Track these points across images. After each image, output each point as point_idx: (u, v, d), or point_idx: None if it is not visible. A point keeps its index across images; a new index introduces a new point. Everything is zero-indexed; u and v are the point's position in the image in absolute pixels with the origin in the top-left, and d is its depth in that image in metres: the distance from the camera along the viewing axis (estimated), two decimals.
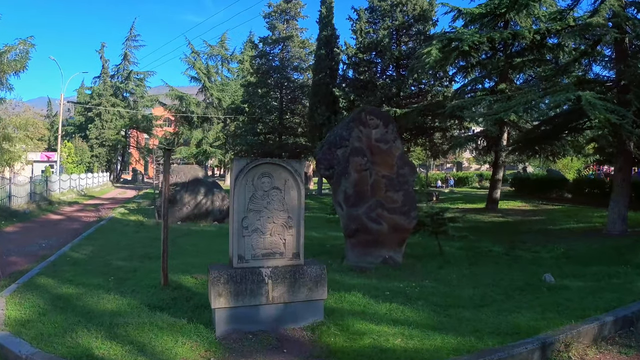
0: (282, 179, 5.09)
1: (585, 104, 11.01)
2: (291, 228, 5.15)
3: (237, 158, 4.92)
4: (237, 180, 4.87)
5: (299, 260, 5.18)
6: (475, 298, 6.85)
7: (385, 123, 9.47)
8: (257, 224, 5.00)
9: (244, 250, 4.97)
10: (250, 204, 4.95)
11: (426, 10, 28.46)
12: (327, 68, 33.63)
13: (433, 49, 14.21)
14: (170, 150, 8.01)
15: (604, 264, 9.49)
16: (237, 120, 40.45)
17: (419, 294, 6.92)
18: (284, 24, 39.35)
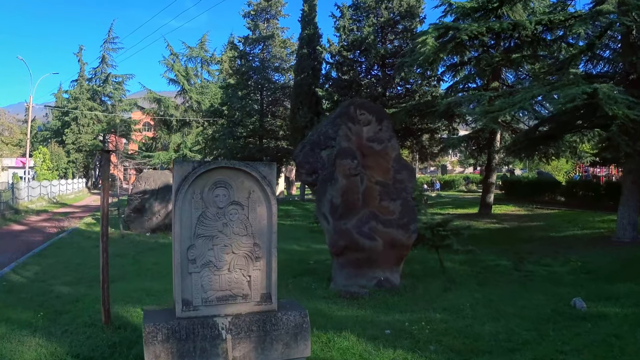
0: (244, 189, 3.60)
1: (604, 98, 9.74)
2: (259, 260, 3.64)
3: (178, 161, 3.41)
4: (179, 194, 3.36)
5: (271, 304, 3.68)
6: (500, 337, 5.39)
7: (379, 119, 8.02)
8: (209, 255, 3.49)
9: (190, 292, 3.45)
10: (198, 226, 3.44)
11: (413, 6, 27.21)
12: (309, 68, 32.16)
13: (429, 38, 12.88)
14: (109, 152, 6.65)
15: (631, 280, 8.26)
16: (215, 124, 38.74)
17: (428, 333, 5.41)
18: (265, 23, 37.82)
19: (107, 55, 51.57)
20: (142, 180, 15.83)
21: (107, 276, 5.65)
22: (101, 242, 5.66)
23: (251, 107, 36.79)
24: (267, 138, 37.53)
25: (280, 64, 38.85)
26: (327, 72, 31.92)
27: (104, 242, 5.65)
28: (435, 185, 44.54)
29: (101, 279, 5.59)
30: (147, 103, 42.87)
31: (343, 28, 28.42)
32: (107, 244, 5.67)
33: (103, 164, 5.65)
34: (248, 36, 36.72)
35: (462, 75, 23.81)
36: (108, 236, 5.72)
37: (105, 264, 5.61)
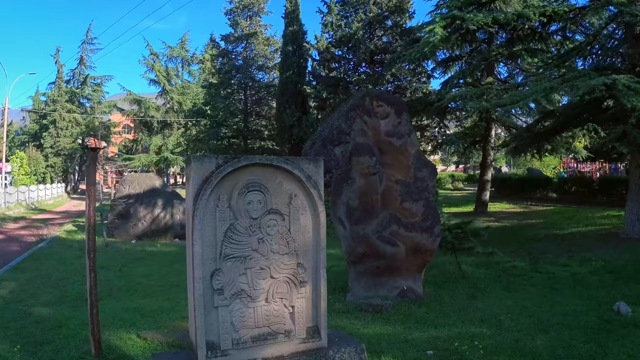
0: (283, 194, 2.76)
1: (623, 89, 9.14)
2: (304, 285, 2.81)
3: (197, 157, 2.54)
4: (200, 200, 2.49)
5: (319, 341, 2.84)
6: (558, 352, 4.71)
7: (398, 111, 7.21)
8: (240, 282, 2.64)
9: (217, 332, 2.59)
10: (226, 244, 2.59)
11: (402, 1, 26.51)
12: (294, 65, 31.28)
13: (437, 27, 12.15)
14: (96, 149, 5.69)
15: None
16: (198, 125, 37.54)
17: (481, 352, 4.65)
18: (247, 20, 36.80)
19: (85, 56, 49.70)
20: (126, 184, 14.76)
21: (97, 300, 4.72)
22: (87, 259, 4.71)
23: (235, 107, 35.76)
24: (252, 138, 36.53)
25: (263, 62, 37.95)
26: (314, 69, 31.06)
27: (91, 259, 4.70)
28: None
29: (89, 303, 4.65)
30: (127, 105, 41.35)
31: (331, 24, 27.61)
32: (95, 261, 4.74)
33: (89, 164, 4.70)
34: (230, 34, 35.70)
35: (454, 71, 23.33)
36: (95, 251, 4.78)
37: (93, 286, 4.67)
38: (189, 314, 2.72)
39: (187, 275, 2.66)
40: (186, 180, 2.62)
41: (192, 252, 2.52)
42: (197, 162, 2.50)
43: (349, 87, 29.13)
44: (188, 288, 2.68)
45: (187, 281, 2.73)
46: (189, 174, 2.57)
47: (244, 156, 2.57)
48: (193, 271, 2.50)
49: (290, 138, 31.22)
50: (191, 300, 2.60)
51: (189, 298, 2.67)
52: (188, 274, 2.66)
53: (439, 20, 12.58)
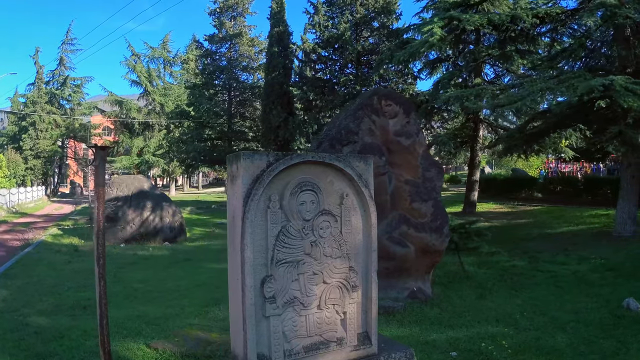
0: (334, 193, 2.58)
1: (620, 90, 9.21)
2: (355, 289, 2.65)
3: (247, 154, 2.34)
4: (251, 201, 2.30)
5: (370, 347, 2.69)
6: (581, 349, 4.83)
7: (406, 111, 7.10)
8: (293, 288, 2.45)
9: (268, 344, 2.40)
10: (278, 248, 2.40)
11: (389, 2, 26.56)
12: (280, 66, 31.13)
13: (435, 27, 12.10)
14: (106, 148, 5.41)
15: None
16: (181, 126, 36.99)
17: (509, 351, 4.59)
18: (231, 21, 36.47)
19: (65, 57, 48.52)
20: (113, 186, 14.35)
21: (107, 310, 4.44)
22: (97, 266, 4.42)
23: (219, 108, 35.37)
24: (236, 140, 36.17)
25: (248, 63, 37.63)
26: (300, 70, 30.90)
27: (100, 265, 4.41)
28: None
29: (99, 314, 4.36)
30: (109, 106, 40.44)
31: (318, 25, 27.48)
32: (105, 268, 4.47)
33: (98, 164, 4.43)
34: (214, 34, 35.31)
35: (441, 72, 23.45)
36: (105, 258, 4.51)
37: (103, 294, 4.40)
38: (232, 325, 2.51)
39: (231, 284, 2.46)
40: (231, 179, 2.42)
41: (241, 258, 2.32)
42: (247, 159, 2.30)
43: (335, 88, 29.10)
44: (232, 297, 2.48)
45: (230, 290, 2.52)
46: (236, 173, 2.37)
47: (295, 153, 2.40)
48: (244, 278, 2.29)
49: (277, 139, 31.01)
50: (238, 311, 2.40)
51: (232, 308, 2.47)
52: (231, 283, 2.46)
53: (437, 20, 12.56)
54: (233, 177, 2.39)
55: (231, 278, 2.46)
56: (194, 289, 8.23)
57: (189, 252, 13.07)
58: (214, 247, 14.61)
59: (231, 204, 2.44)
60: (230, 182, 2.41)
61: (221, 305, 6.67)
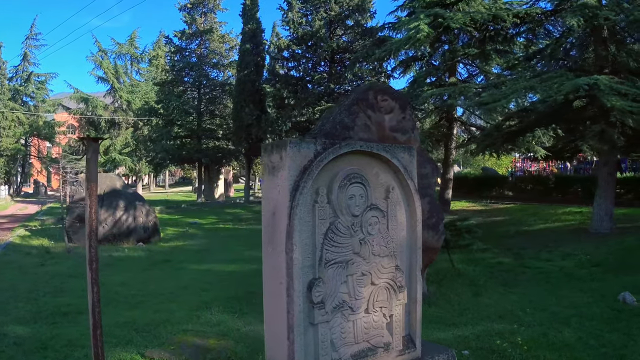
0: (380, 187, 2.37)
1: (606, 90, 9.35)
2: (402, 290, 2.43)
3: (294, 141, 2.09)
4: (299, 195, 2.05)
5: (414, 351, 2.49)
6: (591, 343, 4.79)
7: (402, 106, 6.92)
8: (341, 291, 2.21)
9: (315, 355, 2.15)
10: (327, 247, 2.15)
11: (364, 1, 26.48)
12: (252, 64, 30.65)
13: (421, 24, 12.02)
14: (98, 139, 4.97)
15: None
16: (150, 124, 35.96)
17: (525, 347, 4.50)
18: (202, 17, 35.66)
19: (29, 52, 46.32)
20: (84, 185, 13.68)
21: (100, 318, 4.06)
22: (89, 270, 4.02)
23: (189, 105, 34.56)
24: (206, 138, 35.45)
25: (218, 59, 36.90)
26: (273, 67, 30.51)
27: (93, 270, 4.03)
28: None
29: (91, 323, 3.94)
30: (74, 103, 38.92)
31: (292, 21, 27.15)
32: (98, 272, 4.09)
33: (90, 157, 4.05)
34: (184, 30, 34.45)
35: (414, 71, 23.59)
36: (98, 261, 4.14)
37: (96, 302, 4.01)
38: (269, 335, 2.25)
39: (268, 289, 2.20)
40: (269, 170, 2.15)
41: (286, 260, 2.06)
42: (294, 147, 2.05)
43: (308, 86, 28.87)
44: (269, 304, 2.22)
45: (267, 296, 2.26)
46: (278, 163, 2.11)
47: (343, 142, 2.16)
48: (291, 283, 2.03)
49: (249, 137, 30.55)
50: (280, 319, 2.13)
51: (271, 316, 2.20)
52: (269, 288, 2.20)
53: (423, 17, 12.50)
54: (273, 167, 2.13)
55: (269, 282, 2.20)
56: (179, 291, 7.87)
57: (166, 253, 12.62)
58: (191, 247, 14.18)
59: (270, 199, 2.17)
60: (270, 173, 2.15)
61: (213, 309, 6.37)
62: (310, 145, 2.11)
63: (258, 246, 10.67)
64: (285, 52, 28.87)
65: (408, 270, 2.50)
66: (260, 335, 5.34)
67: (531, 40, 16.33)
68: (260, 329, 5.55)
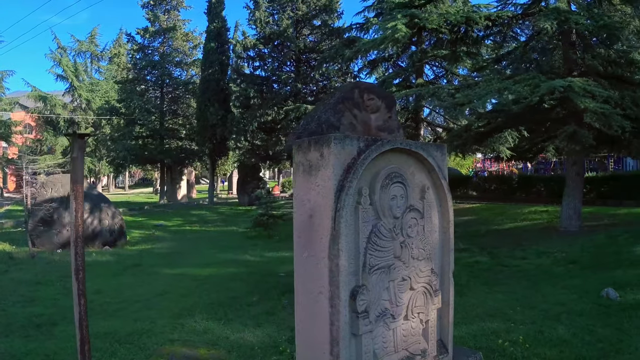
0: (416, 187, 2.25)
1: (579, 91, 9.62)
2: (437, 294, 2.33)
3: (338, 137, 1.95)
4: (345, 195, 1.89)
5: (447, 355, 2.40)
6: (586, 339, 4.83)
7: (388, 105, 6.73)
8: (384, 298, 2.08)
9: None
10: (370, 252, 2.02)
11: (332, 1, 26.47)
12: (217, 62, 30.13)
13: (399, 24, 12.03)
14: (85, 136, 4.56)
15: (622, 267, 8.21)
16: (110, 124, 34.75)
17: (527, 346, 4.52)
18: (165, 14, 34.78)
19: None
20: (48, 187, 12.99)
21: (88, 333, 3.74)
22: (75, 280, 3.69)
23: (151, 105, 33.64)
24: (169, 138, 34.61)
25: (182, 58, 36.11)
26: (238, 66, 30.06)
27: (79, 280, 3.72)
28: None
29: (79, 338, 3.60)
30: (32, 102, 37.11)
31: (259, 20, 26.81)
32: (84, 282, 3.79)
33: (76, 155, 3.75)
34: (147, 28, 33.51)
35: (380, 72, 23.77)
36: (84, 270, 3.83)
37: (84, 315, 3.70)
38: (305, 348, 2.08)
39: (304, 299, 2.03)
40: (305, 169, 1.99)
41: (329, 267, 1.89)
42: (338, 144, 1.90)
43: (274, 86, 28.63)
44: (306, 315, 2.05)
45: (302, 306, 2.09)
46: (319, 161, 1.95)
47: (384, 139, 2.03)
48: (336, 292, 1.87)
49: (213, 137, 30.02)
50: (321, 330, 1.96)
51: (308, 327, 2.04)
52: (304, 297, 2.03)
53: (400, 17, 12.53)
54: (310, 166, 1.98)
55: (304, 292, 2.04)
56: (156, 298, 7.54)
57: (135, 257, 12.14)
58: (160, 250, 13.73)
59: (306, 200, 2.01)
60: (306, 173, 1.99)
61: (196, 316, 6.11)
62: (354, 142, 1.97)
63: (230, 249, 10.52)
64: (251, 51, 28.50)
65: (441, 273, 2.40)
66: (251, 343, 5.19)
67: (499, 43, 16.71)
68: (249, 337, 5.39)
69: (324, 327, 1.90)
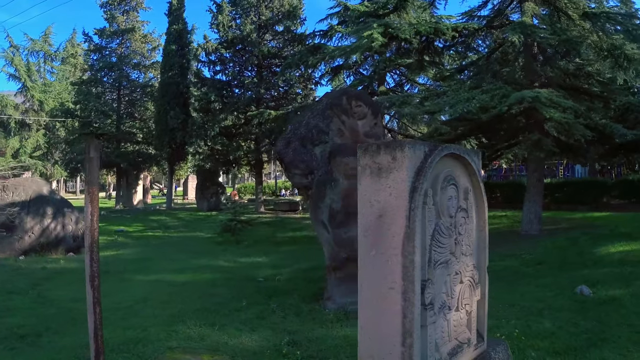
0: (461, 188, 2.45)
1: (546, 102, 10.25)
2: (478, 286, 2.54)
3: (411, 142, 2.10)
4: (419, 196, 2.06)
5: (483, 343, 2.61)
6: (571, 330, 5.22)
7: (374, 112, 7.09)
8: (443, 291, 2.25)
9: (423, 357, 2.15)
10: (434, 248, 2.19)
11: (295, 7, 26.69)
12: (177, 66, 29.71)
13: (375, 33, 12.35)
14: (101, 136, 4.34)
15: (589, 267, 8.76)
16: (65, 126, 33.44)
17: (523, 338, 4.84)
18: (124, 15, 33.93)
19: None
20: (9, 190, 12.42)
21: (103, 345, 3.68)
22: (90, 287, 3.64)
23: (108, 107, 32.68)
24: (125, 141, 33.70)
25: (140, 60, 35.29)
26: (198, 70, 29.70)
27: (95, 287, 3.70)
28: (295, 190, 45.04)
29: (94, 349, 3.61)
30: None
31: (222, 24, 26.63)
32: (100, 291, 3.74)
33: (92, 157, 3.72)
34: (104, 28, 32.58)
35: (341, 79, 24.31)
36: (99, 278, 3.79)
37: (99, 325, 3.66)
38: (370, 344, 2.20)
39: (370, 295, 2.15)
40: (374, 172, 2.10)
41: (402, 263, 2.03)
42: (411, 148, 2.05)
43: (235, 90, 28.50)
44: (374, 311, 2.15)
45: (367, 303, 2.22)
46: (391, 164, 2.05)
47: (442, 144, 2.21)
48: (410, 286, 2.00)
49: (172, 141, 29.47)
50: (391, 325, 2.07)
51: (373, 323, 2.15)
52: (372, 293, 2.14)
53: (377, 26, 12.88)
54: (379, 169, 2.12)
55: (372, 288, 2.16)
56: (138, 305, 7.41)
57: (103, 264, 11.52)
58: (127, 256, 13.42)
59: (377, 201, 2.15)
60: (375, 175, 2.13)
61: (187, 323, 6.05)
62: (422, 147, 2.13)
63: (200, 254, 10.42)
64: (213, 56, 28.23)
65: (482, 268, 2.60)
66: (252, 347, 5.23)
67: (461, 54, 17.44)
68: (248, 341, 5.42)
69: (394, 320, 2.03)
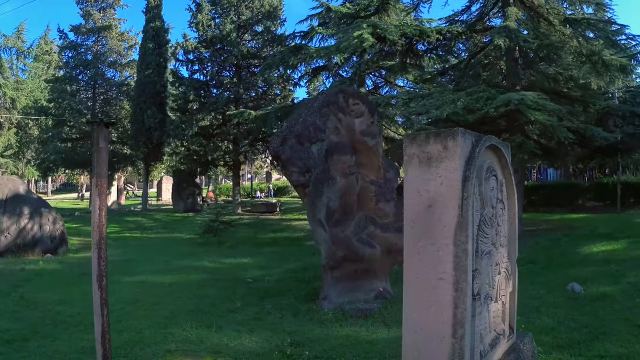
0: (500, 178, 2.46)
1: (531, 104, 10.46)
2: (511, 278, 2.55)
3: (462, 131, 2.10)
4: (471, 186, 2.06)
5: (513, 334, 2.64)
6: (571, 325, 5.36)
7: (371, 111, 7.10)
8: (486, 281, 2.25)
9: (471, 350, 2.14)
10: (480, 238, 2.20)
11: (276, 8, 26.59)
12: (154, 64, 29.17)
13: (365, 33, 12.38)
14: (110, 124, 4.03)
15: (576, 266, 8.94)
16: (38, 125, 32.46)
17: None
18: (100, 12, 33.16)
19: None
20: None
21: (110, 348, 3.55)
22: (98, 287, 3.51)
23: (83, 106, 31.87)
24: None
25: (116, 58, 34.55)
26: (176, 69, 29.25)
27: (102, 287, 3.56)
28: (271, 191, 44.84)
29: (101, 354, 3.47)
30: None
31: (201, 23, 26.31)
32: (107, 292, 3.61)
33: (100, 147, 3.59)
34: (80, 25, 31.78)
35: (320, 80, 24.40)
36: (107, 278, 3.66)
37: (106, 327, 3.53)
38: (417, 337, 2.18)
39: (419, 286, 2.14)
40: (423, 161, 2.08)
41: (454, 252, 2.01)
42: (462, 136, 2.04)
43: (213, 90, 28.18)
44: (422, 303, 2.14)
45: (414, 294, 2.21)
46: (442, 153, 2.04)
47: (485, 136, 2.21)
48: (463, 276, 1.99)
49: (149, 141, 28.91)
50: (441, 317, 2.03)
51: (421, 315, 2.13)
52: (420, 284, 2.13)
53: (366, 27, 12.93)
54: (429, 158, 2.10)
55: (419, 279, 2.14)
56: (129, 307, 7.21)
57: (83, 266, 11.40)
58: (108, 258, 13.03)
59: (426, 191, 2.14)
60: (424, 164, 2.11)
61: (182, 325, 5.91)
62: (470, 137, 2.13)
63: (183, 255, 10.25)
64: (191, 55, 27.84)
65: (513, 260, 2.62)
66: (253, 349, 5.15)
67: (442, 57, 17.66)
68: (248, 343, 5.34)
69: (444, 311, 2.02)
